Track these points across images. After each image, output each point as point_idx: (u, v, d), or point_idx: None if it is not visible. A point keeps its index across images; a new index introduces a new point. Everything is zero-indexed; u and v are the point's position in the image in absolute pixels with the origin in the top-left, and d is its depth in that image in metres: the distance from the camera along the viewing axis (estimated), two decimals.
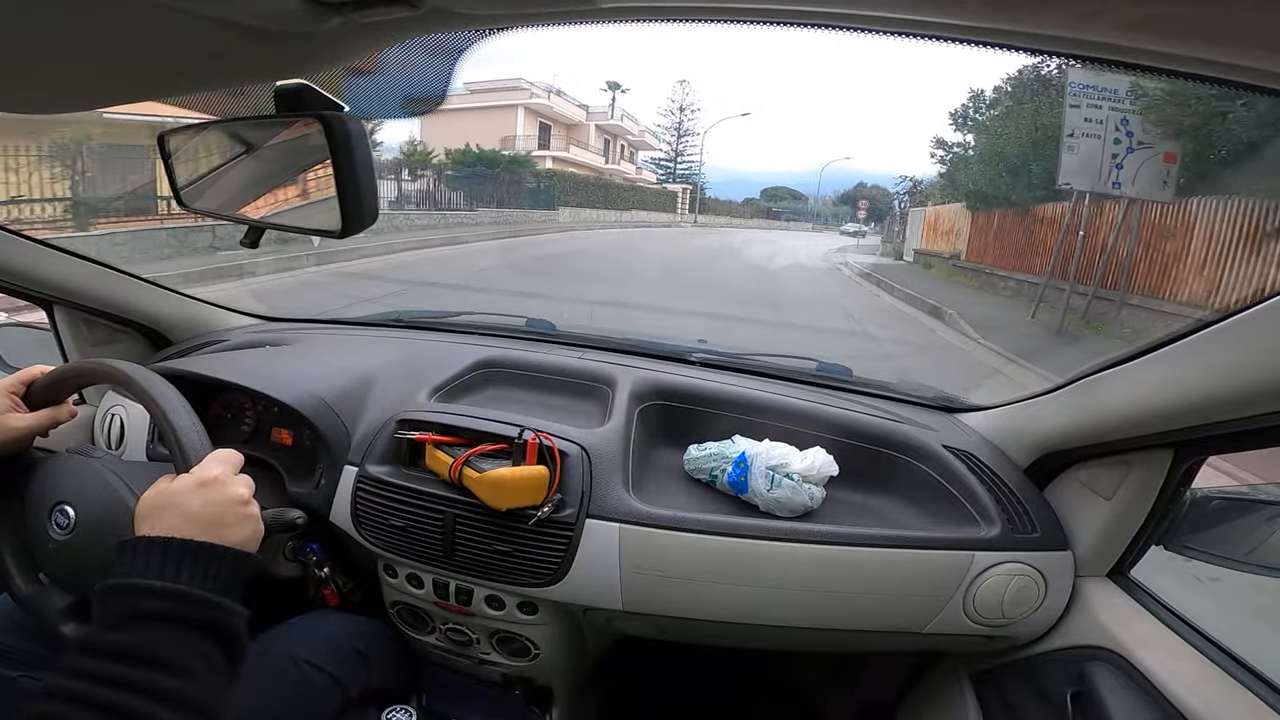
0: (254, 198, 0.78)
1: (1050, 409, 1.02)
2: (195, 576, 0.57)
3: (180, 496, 0.63)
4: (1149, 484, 0.88)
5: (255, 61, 0.50)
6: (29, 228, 7.09)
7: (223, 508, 0.63)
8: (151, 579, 0.56)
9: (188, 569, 0.57)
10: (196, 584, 0.57)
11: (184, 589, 0.56)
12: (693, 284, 9.38)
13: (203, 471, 0.66)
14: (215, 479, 0.65)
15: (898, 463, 1.11)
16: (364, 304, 5.91)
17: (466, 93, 18.80)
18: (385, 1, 0.40)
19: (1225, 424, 0.73)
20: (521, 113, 15.96)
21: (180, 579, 0.57)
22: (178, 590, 0.56)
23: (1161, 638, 0.85)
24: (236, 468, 0.69)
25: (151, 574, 0.56)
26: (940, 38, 0.40)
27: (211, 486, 0.64)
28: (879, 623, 0.98)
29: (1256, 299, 0.64)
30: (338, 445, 1.07)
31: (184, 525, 0.60)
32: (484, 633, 1.08)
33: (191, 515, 0.61)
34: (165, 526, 0.60)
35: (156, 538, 0.58)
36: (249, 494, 0.67)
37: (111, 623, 0.55)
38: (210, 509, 0.62)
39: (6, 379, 0.82)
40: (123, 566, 0.57)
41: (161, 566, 0.57)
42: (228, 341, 1.42)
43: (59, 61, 0.46)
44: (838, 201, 45.02)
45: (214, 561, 0.59)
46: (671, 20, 0.46)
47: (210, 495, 0.63)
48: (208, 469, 0.66)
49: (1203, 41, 0.33)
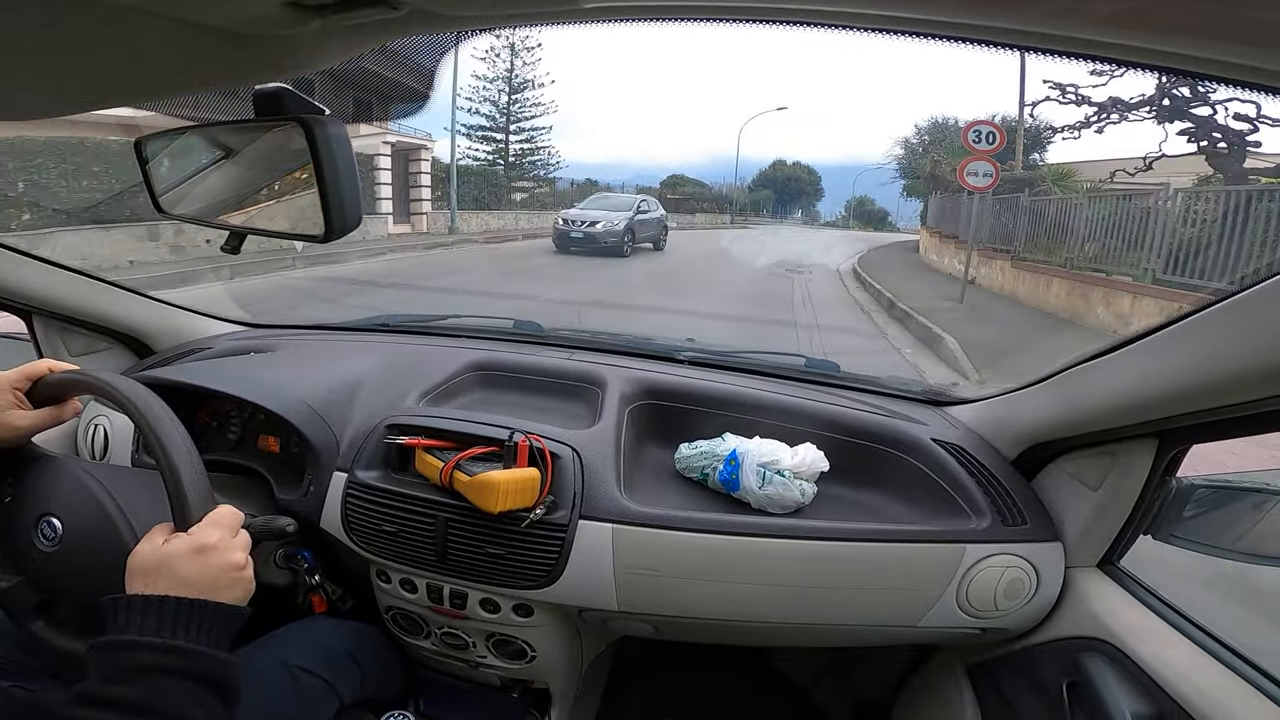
0: (235, 203, 0.77)
1: (1036, 400, 1.03)
2: (191, 632, 0.60)
3: (175, 560, 0.63)
4: (1135, 474, 0.89)
5: (234, 65, 0.49)
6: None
7: (217, 574, 0.64)
8: (149, 635, 0.58)
9: (184, 625, 0.59)
10: (192, 639, 0.59)
11: (182, 644, 0.59)
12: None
13: (202, 537, 0.65)
14: (213, 546, 0.65)
15: (888, 457, 1.11)
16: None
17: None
18: (365, 4, 0.40)
19: (1207, 412, 0.73)
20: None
21: (177, 635, 0.59)
22: (176, 646, 0.58)
23: (1153, 627, 0.86)
24: (235, 530, 0.69)
25: (149, 631, 0.58)
26: (916, 34, 0.40)
27: (209, 554, 0.64)
28: (873, 617, 0.99)
29: (1237, 289, 0.65)
30: (326, 451, 1.06)
31: (177, 589, 0.61)
32: (480, 636, 1.07)
33: (185, 581, 0.62)
34: (159, 589, 0.61)
35: (152, 596, 0.60)
36: (244, 558, 0.68)
37: (111, 676, 0.57)
38: (204, 575, 0.63)
39: (10, 373, 0.79)
40: (117, 623, 0.59)
41: (159, 625, 0.59)
42: (211, 349, 1.41)
43: (32, 66, 0.45)
44: (754, 186, 40.76)
45: (208, 618, 0.61)
46: (655, 20, 0.46)
47: (206, 561, 0.64)
48: (206, 535, 0.65)
49: (1174, 35, 0.34)
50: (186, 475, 0.70)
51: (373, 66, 0.58)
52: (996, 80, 72.18)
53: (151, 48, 0.44)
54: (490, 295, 7.75)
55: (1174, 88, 7.77)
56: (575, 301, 7.13)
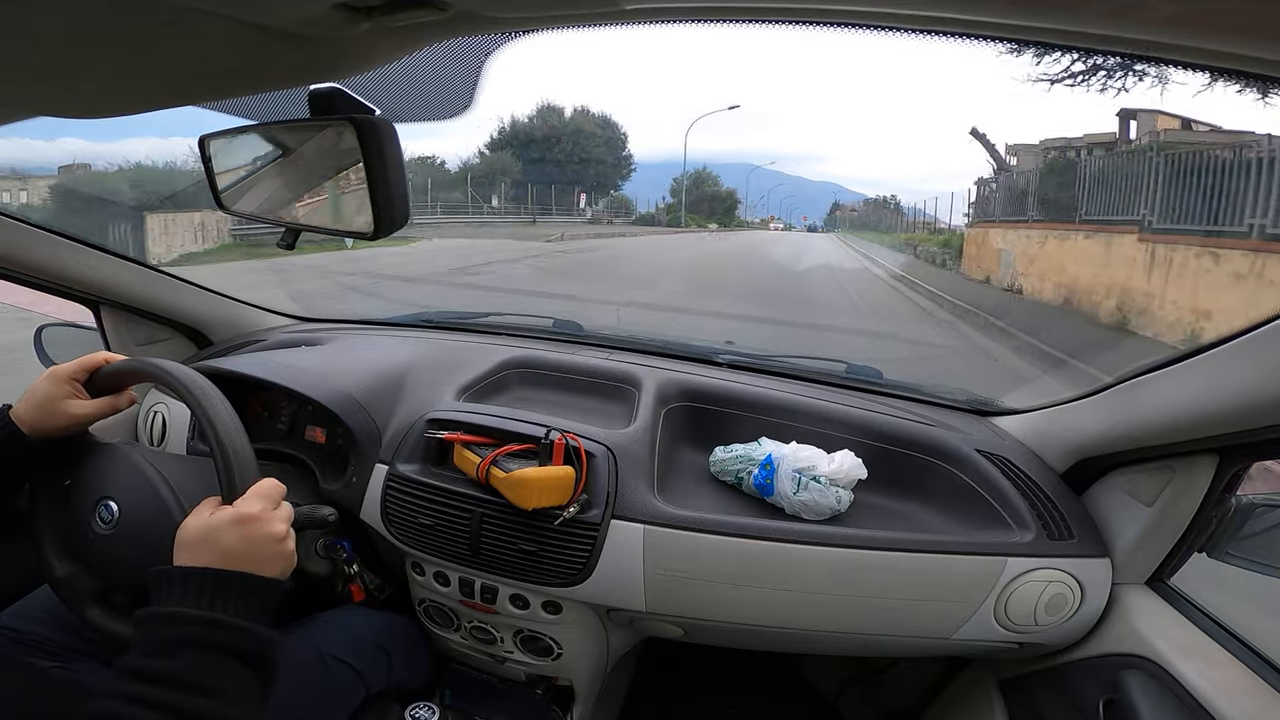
0: (290, 200, 0.80)
1: (1089, 413, 0.99)
2: (230, 605, 0.61)
3: (218, 532, 0.65)
4: (1192, 490, 0.86)
5: (288, 66, 0.51)
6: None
7: (259, 545, 0.65)
8: (189, 608, 0.59)
9: (223, 597, 0.61)
10: (231, 612, 0.60)
11: (220, 616, 0.60)
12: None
13: (244, 507, 0.67)
14: (255, 516, 0.67)
15: (928, 466, 1.09)
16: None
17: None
18: (413, 5, 0.41)
19: (1272, 429, 0.70)
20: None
21: (215, 607, 0.60)
22: (214, 618, 0.59)
23: (1201, 646, 0.82)
24: (277, 502, 0.71)
25: (189, 603, 0.60)
26: (969, 35, 0.39)
27: (250, 524, 0.66)
28: (907, 628, 0.97)
29: None
30: (369, 444, 1.09)
31: (220, 560, 0.63)
32: (508, 631, 1.08)
33: (227, 551, 0.63)
34: (203, 560, 0.63)
35: (193, 568, 0.62)
36: (286, 529, 0.69)
37: (153, 649, 0.58)
38: (246, 545, 0.65)
39: (69, 365, 0.83)
40: (160, 594, 0.61)
41: (199, 595, 0.60)
42: (265, 341, 1.46)
43: (97, 65, 0.48)
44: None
45: (247, 590, 0.62)
46: (695, 21, 0.46)
47: (248, 532, 0.65)
48: (249, 505, 0.67)
49: (1237, 36, 0.32)
50: (235, 453, 0.72)
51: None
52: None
53: (210, 48, 0.46)
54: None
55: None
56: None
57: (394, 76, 0.57)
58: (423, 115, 0.73)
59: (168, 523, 0.70)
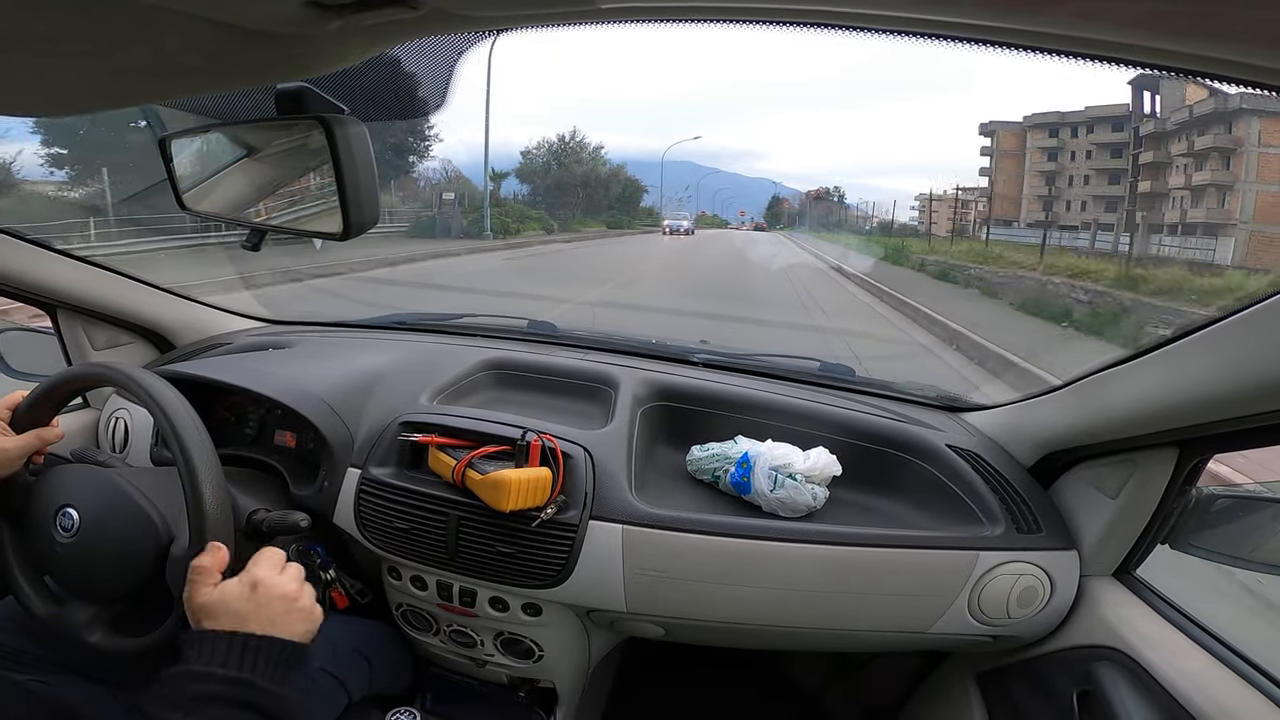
0: (256, 200, 0.78)
1: (1054, 408, 1.02)
2: (256, 666, 0.64)
3: (234, 603, 0.68)
4: (1154, 483, 0.88)
5: (255, 64, 0.50)
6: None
7: (274, 608, 0.69)
8: (216, 668, 0.63)
9: (250, 659, 0.64)
10: (258, 673, 0.64)
11: (247, 676, 0.63)
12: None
13: (251, 576, 0.70)
14: (262, 581, 0.70)
15: (902, 462, 1.10)
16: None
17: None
18: (385, 3, 0.40)
19: (1229, 422, 0.72)
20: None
21: (243, 669, 0.63)
22: (240, 678, 0.63)
23: (1168, 637, 0.84)
24: (279, 567, 0.73)
25: (217, 664, 0.63)
26: (937, 37, 0.40)
27: (258, 590, 0.69)
28: (884, 623, 0.98)
29: (1259, 296, 0.64)
30: (340, 447, 1.07)
31: (235, 626, 0.66)
32: (488, 634, 1.08)
33: (245, 617, 0.67)
34: (223, 626, 0.66)
35: (221, 632, 0.65)
36: (298, 588, 0.72)
37: (180, 705, 0.61)
38: (263, 610, 0.68)
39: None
40: (189, 657, 0.64)
41: (226, 657, 0.63)
42: (231, 345, 1.43)
43: (56, 63, 0.46)
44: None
45: (271, 653, 0.66)
46: (672, 21, 0.46)
47: (260, 597, 0.68)
48: (256, 573, 0.71)
49: (1203, 38, 0.33)
50: (202, 473, 0.73)
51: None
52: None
53: (176, 46, 0.44)
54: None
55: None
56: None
57: (365, 75, 0.56)
58: (394, 114, 0.72)
59: (135, 515, 0.70)
